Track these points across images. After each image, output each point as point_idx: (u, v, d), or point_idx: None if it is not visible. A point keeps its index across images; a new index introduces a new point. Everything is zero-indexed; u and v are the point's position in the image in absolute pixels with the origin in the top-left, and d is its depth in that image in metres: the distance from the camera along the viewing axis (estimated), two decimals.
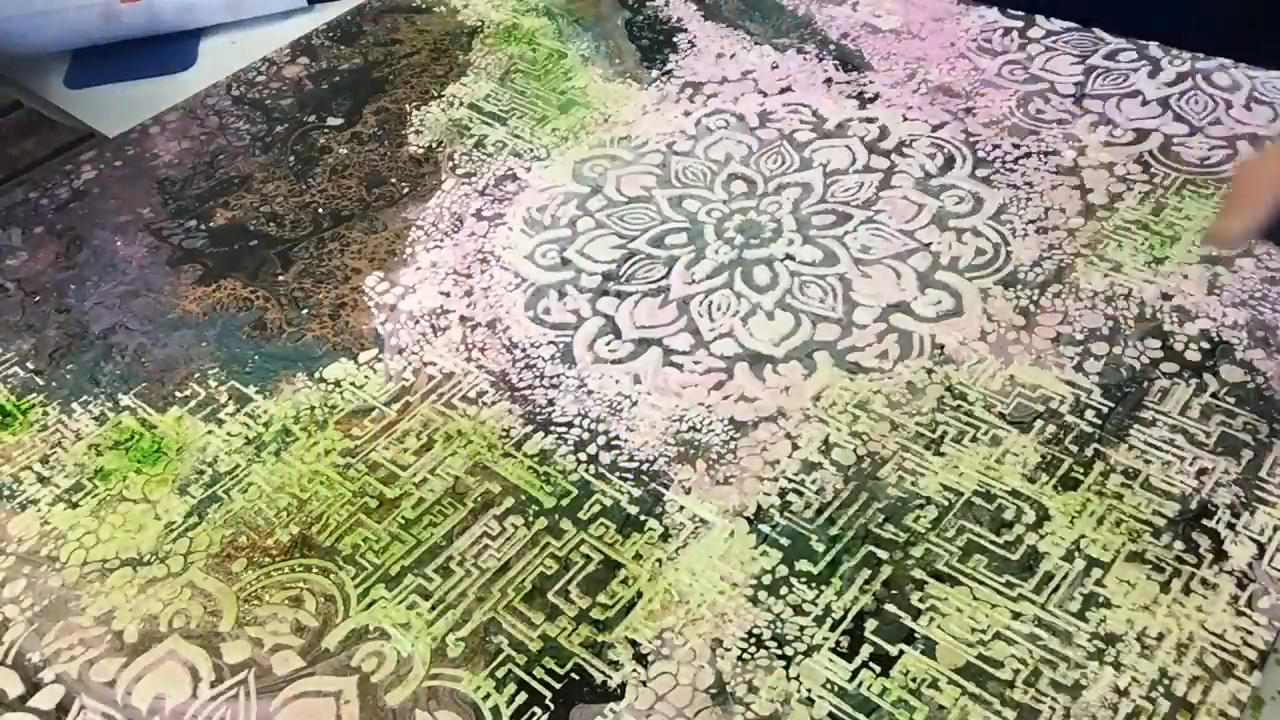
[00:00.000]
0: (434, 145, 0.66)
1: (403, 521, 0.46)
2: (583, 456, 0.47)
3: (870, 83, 0.67)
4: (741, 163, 0.62)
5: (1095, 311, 0.51)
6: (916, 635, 0.40)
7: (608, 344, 0.52)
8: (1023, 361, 0.49)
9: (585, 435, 0.48)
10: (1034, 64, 0.67)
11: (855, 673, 0.39)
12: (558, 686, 0.40)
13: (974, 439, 0.46)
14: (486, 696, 0.40)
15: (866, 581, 0.42)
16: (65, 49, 0.77)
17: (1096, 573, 0.41)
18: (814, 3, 0.74)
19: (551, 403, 0.50)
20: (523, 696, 0.40)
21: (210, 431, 0.50)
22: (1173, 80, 0.64)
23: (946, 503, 0.44)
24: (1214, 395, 0.47)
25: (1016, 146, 0.61)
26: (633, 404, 0.49)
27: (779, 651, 0.40)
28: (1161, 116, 0.62)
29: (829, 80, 0.67)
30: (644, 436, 0.48)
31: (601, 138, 0.65)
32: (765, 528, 0.44)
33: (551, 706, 0.39)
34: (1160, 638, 0.39)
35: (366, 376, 0.52)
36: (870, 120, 0.64)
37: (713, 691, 0.39)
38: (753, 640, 0.40)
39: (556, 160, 0.64)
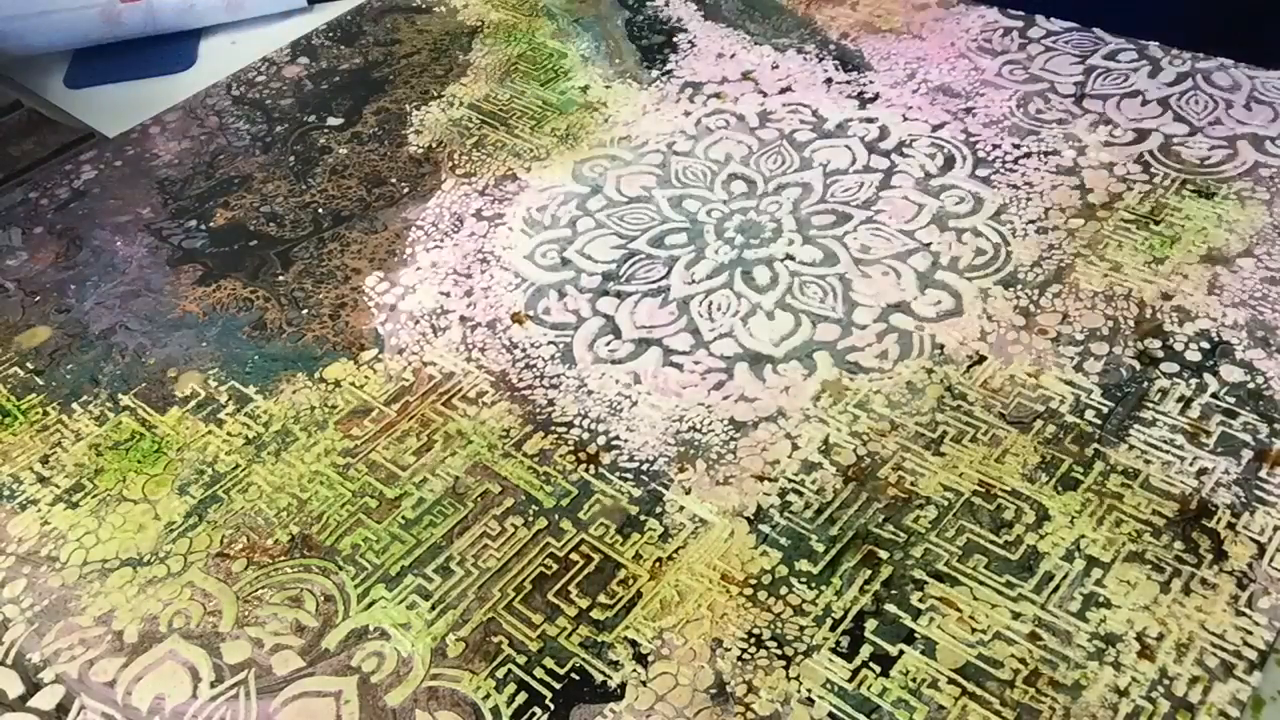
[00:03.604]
0: (434, 145, 0.66)
1: (403, 521, 0.46)
2: (583, 456, 0.47)
3: (870, 83, 0.67)
4: (741, 163, 0.62)
5: (1095, 311, 0.51)
6: (916, 635, 0.40)
7: (608, 344, 0.52)
8: (1023, 361, 0.49)
9: (585, 435, 0.48)
10: (1034, 64, 0.67)
11: (855, 673, 0.39)
12: (558, 686, 0.40)
13: (974, 439, 0.46)
14: (486, 696, 0.40)
15: (866, 581, 0.42)
16: (65, 49, 0.77)
17: (1096, 573, 0.41)
18: (814, 3, 0.74)
19: (551, 403, 0.50)
20: (523, 696, 0.40)
21: (210, 431, 0.50)
22: (1173, 80, 0.64)
23: (946, 503, 0.44)
24: (1214, 395, 0.47)
25: (1016, 146, 0.61)
26: (633, 404, 0.49)
27: (779, 651, 0.40)
28: (1161, 116, 0.62)
29: (829, 80, 0.67)
30: (644, 436, 0.48)
31: (601, 138, 0.65)
32: (765, 528, 0.44)
33: (551, 707, 0.39)
34: (1160, 638, 0.39)
35: (366, 376, 0.52)
36: (870, 120, 0.64)
37: (713, 691, 0.39)
38: (753, 640, 0.40)
39: (556, 160, 0.64)
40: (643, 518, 0.45)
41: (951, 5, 0.72)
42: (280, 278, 0.58)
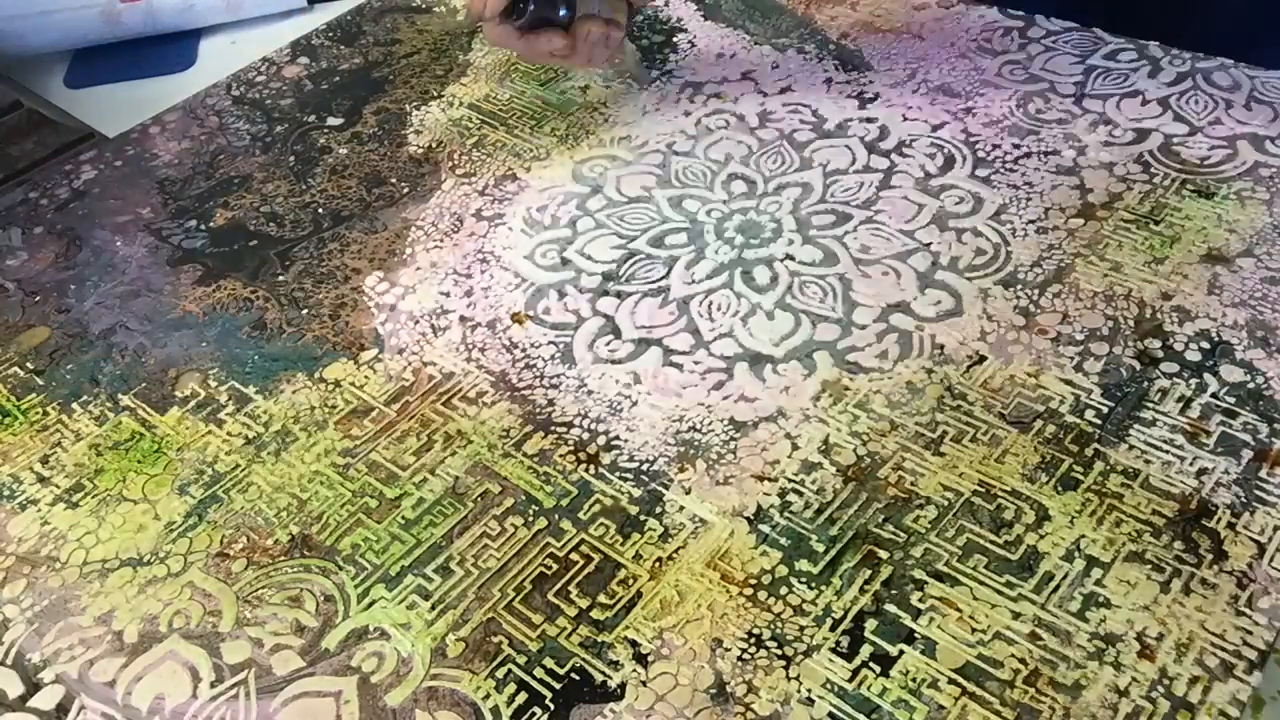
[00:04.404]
0: (434, 145, 0.66)
1: (403, 521, 0.46)
2: (583, 456, 0.47)
3: (870, 83, 0.67)
4: (741, 163, 0.62)
5: (1095, 311, 0.51)
6: (916, 635, 0.40)
7: (608, 344, 0.52)
8: (1023, 361, 0.49)
9: (585, 435, 0.48)
10: (1034, 64, 0.67)
11: (855, 673, 0.39)
12: (558, 686, 0.40)
13: (974, 439, 0.46)
14: (486, 696, 0.40)
15: (866, 581, 0.42)
16: (65, 49, 0.77)
17: (1096, 573, 0.41)
18: (814, 3, 0.74)
19: (551, 403, 0.50)
20: (523, 696, 0.40)
21: (210, 431, 0.50)
22: (1173, 80, 0.64)
23: (946, 503, 0.44)
24: (1214, 395, 0.47)
25: (1016, 146, 0.61)
26: (633, 404, 0.49)
27: (779, 651, 0.40)
28: (1161, 116, 0.62)
29: (829, 80, 0.67)
30: (644, 436, 0.48)
31: (601, 138, 0.65)
32: (765, 528, 0.44)
33: (551, 707, 0.39)
34: (1160, 638, 0.39)
35: (366, 376, 0.52)
36: (870, 120, 0.64)
37: (713, 691, 0.39)
38: (753, 640, 0.40)
39: (556, 160, 0.64)
40: (643, 518, 0.45)
41: (951, 5, 0.72)
42: (280, 278, 0.58)
